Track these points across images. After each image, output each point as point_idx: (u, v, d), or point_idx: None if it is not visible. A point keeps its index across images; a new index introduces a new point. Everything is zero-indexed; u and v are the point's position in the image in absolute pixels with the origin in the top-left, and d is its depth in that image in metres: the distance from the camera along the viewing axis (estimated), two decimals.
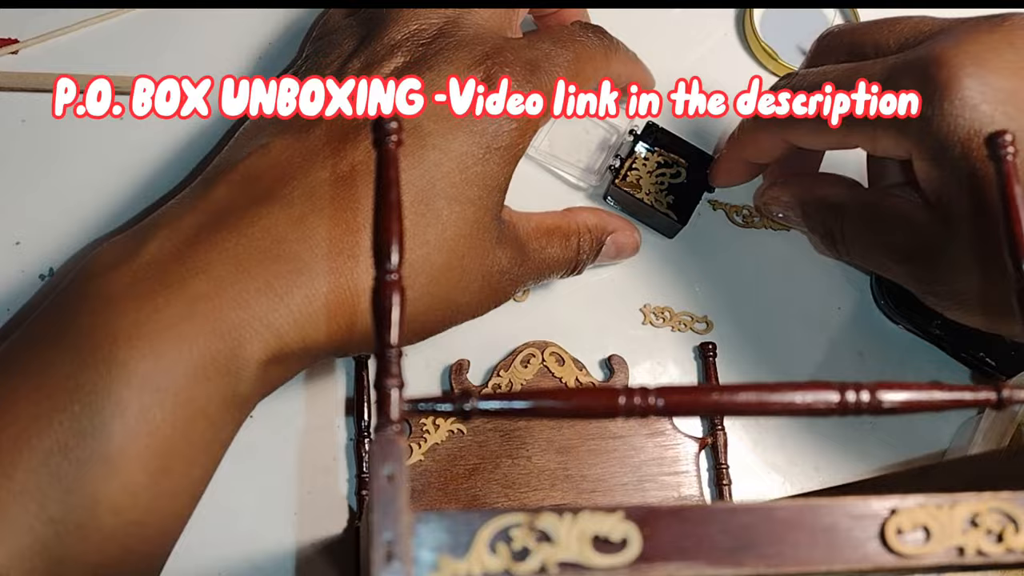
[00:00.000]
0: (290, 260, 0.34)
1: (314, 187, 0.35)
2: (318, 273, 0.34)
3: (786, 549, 0.22)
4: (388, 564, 0.20)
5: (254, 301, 0.34)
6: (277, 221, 0.35)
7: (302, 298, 0.34)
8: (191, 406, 0.33)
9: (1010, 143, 0.25)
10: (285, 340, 0.34)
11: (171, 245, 0.34)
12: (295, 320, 0.34)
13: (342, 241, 0.35)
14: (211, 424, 0.34)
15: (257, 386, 0.35)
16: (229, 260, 0.34)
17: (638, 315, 0.47)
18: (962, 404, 0.23)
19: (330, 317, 0.35)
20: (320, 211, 0.35)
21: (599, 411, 0.22)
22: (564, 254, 0.42)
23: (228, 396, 0.34)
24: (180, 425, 0.33)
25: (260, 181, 0.36)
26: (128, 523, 0.32)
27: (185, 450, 0.33)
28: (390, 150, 0.24)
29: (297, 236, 0.34)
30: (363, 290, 0.35)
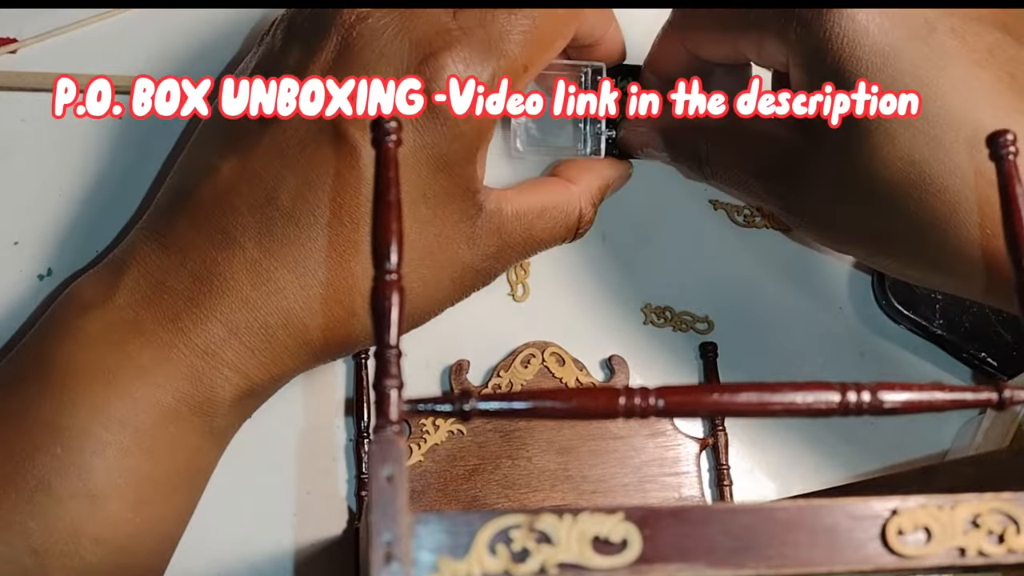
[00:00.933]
0: (248, 307, 0.36)
1: (263, 226, 0.36)
2: (273, 316, 0.36)
3: (787, 550, 0.22)
4: (387, 565, 0.20)
5: (220, 350, 0.36)
6: (233, 267, 0.36)
7: (263, 342, 0.36)
8: (168, 443, 0.35)
9: (1011, 142, 0.25)
10: (254, 380, 0.37)
11: (141, 290, 0.36)
12: (260, 362, 0.37)
13: (294, 281, 0.36)
14: (190, 456, 0.37)
15: (232, 418, 0.38)
16: (193, 309, 0.36)
17: (639, 315, 0.47)
18: (963, 405, 0.23)
19: (292, 354, 0.37)
20: (270, 253, 0.36)
21: (599, 412, 0.22)
22: (556, 232, 0.42)
23: (204, 430, 0.37)
24: (159, 460, 0.35)
25: (212, 214, 0.37)
26: (111, 551, 0.34)
27: (164, 482, 0.36)
28: (389, 149, 0.24)
29: (252, 282, 0.36)
30: (316, 326, 0.37)
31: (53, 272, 0.45)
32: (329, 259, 0.36)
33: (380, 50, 0.36)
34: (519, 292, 0.47)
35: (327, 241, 0.36)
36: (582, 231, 0.43)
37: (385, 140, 0.24)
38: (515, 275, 0.47)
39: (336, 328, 0.37)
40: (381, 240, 0.23)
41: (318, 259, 0.36)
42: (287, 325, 0.36)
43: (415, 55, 0.35)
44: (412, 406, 0.22)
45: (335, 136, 0.36)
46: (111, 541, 0.34)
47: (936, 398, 0.23)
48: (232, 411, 0.37)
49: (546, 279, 0.47)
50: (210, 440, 0.37)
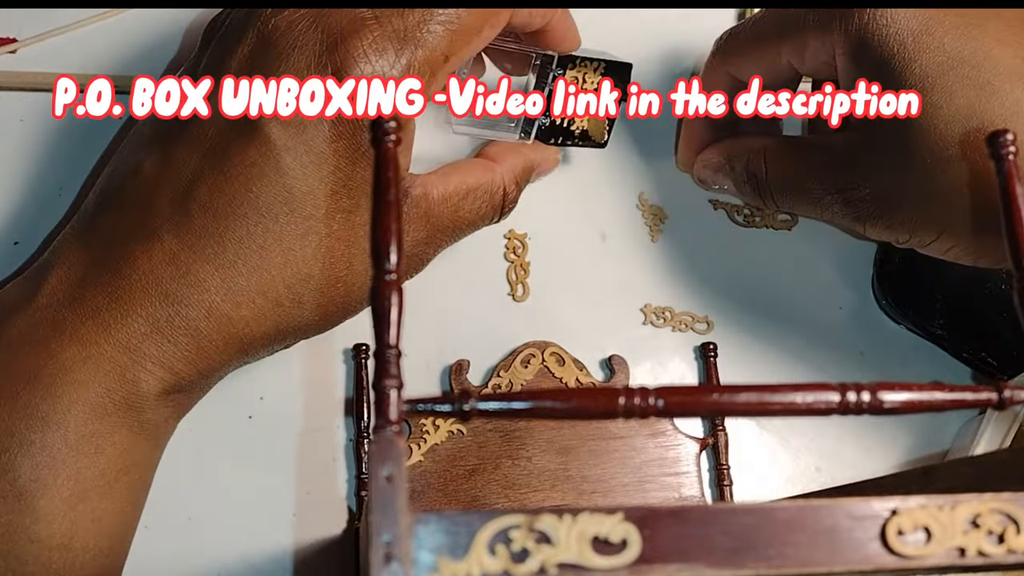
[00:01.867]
0: (169, 300, 0.36)
1: (181, 218, 0.36)
2: (195, 309, 0.36)
3: (787, 550, 0.22)
4: (387, 565, 0.20)
5: (142, 344, 0.36)
6: (152, 260, 0.36)
7: (186, 335, 0.36)
8: (94, 439, 0.35)
9: (1011, 142, 0.25)
10: (180, 374, 0.37)
11: (64, 289, 0.36)
12: (184, 356, 0.36)
13: (211, 275, 0.36)
14: (120, 452, 0.36)
15: (163, 412, 0.38)
16: (114, 305, 0.36)
17: (639, 315, 0.47)
18: (963, 404, 0.23)
19: (218, 348, 0.37)
20: (189, 245, 0.36)
21: (599, 412, 0.22)
22: (482, 211, 0.42)
23: (132, 426, 0.36)
24: (86, 456, 0.35)
25: (134, 210, 0.37)
26: (48, 550, 0.35)
27: (96, 478, 0.36)
28: (388, 149, 0.24)
29: (171, 274, 0.36)
30: (239, 317, 0.37)
31: None
32: (248, 250, 0.36)
33: (294, 40, 0.36)
34: (519, 292, 0.47)
35: (245, 232, 0.36)
36: (507, 210, 0.43)
37: (385, 140, 0.24)
38: (515, 275, 0.47)
39: (262, 320, 0.37)
40: (381, 240, 0.23)
41: (237, 251, 0.36)
42: (209, 317, 0.36)
43: (326, 42, 0.35)
44: (412, 406, 0.22)
45: (250, 130, 0.36)
46: (46, 540, 0.34)
47: (936, 398, 0.23)
48: (160, 406, 0.37)
49: (546, 279, 0.47)
50: (140, 435, 0.37)
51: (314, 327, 0.39)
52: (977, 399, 0.23)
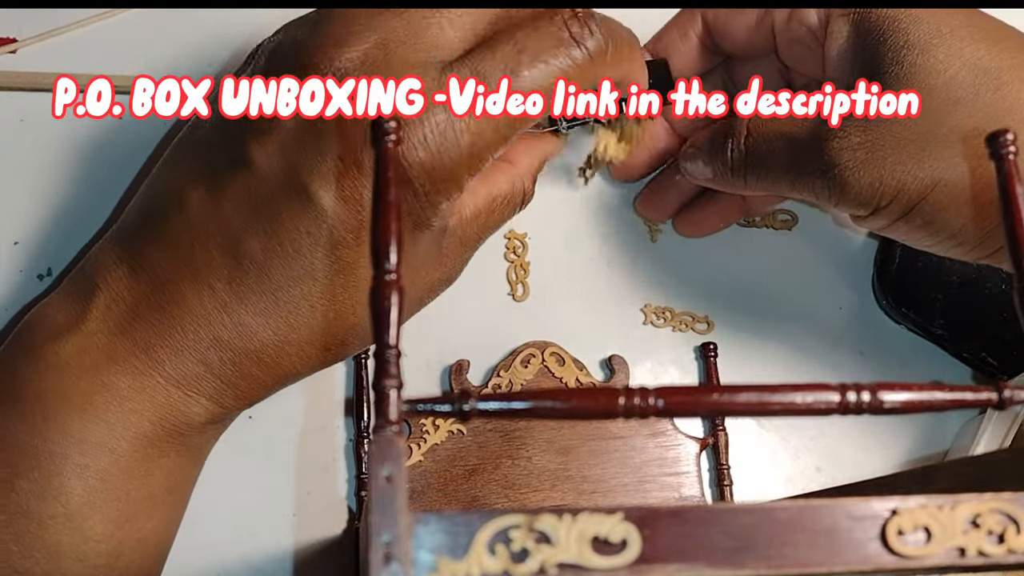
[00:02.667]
0: (221, 346, 0.37)
1: (232, 270, 0.36)
2: (247, 357, 0.37)
3: (786, 550, 0.21)
4: (387, 565, 0.20)
5: (195, 383, 0.37)
6: (204, 305, 0.36)
7: (237, 378, 0.37)
8: (144, 463, 0.36)
9: (1011, 142, 0.25)
10: (228, 407, 0.38)
11: (113, 316, 0.37)
12: (234, 394, 0.38)
13: (263, 328, 0.37)
14: (167, 474, 0.37)
15: (209, 436, 0.39)
16: (166, 342, 0.36)
17: (639, 315, 0.47)
18: (963, 404, 0.23)
19: (265, 386, 0.38)
20: (241, 298, 0.36)
21: (599, 412, 0.22)
22: (507, 215, 0.41)
23: (180, 450, 0.38)
24: (136, 479, 0.36)
25: (181, 247, 0.37)
26: (94, 568, 0.35)
27: (143, 500, 0.36)
28: (389, 149, 0.24)
29: (222, 322, 0.36)
30: (289, 365, 0.38)
31: (53, 272, 0.45)
32: (300, 309, 0.37)
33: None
34: (519, 292, 0.47)
35: (299, 293, 0.36)
36: (525, 206, 0.43)
37: (385, 140, 0.24)
38: (515, 275, 0.47)
39: (307, 361, 0.38)
40: (380, 240, 0.23)
41: (289, 309, 0.37)
42: (260, 363, 0.37)
43: None
44: (411, 406, 0.22)
45: (304, 198, 0.35)
46: (93, 559, 0.35)
47: (936, 398, 0.23)
48: (207, 431, 0.38)
49: (546, 279, 0.47)
50: (186, 458, 0.38)
51: (351, 354, 0.41)
52: (977, 399, 0.23)
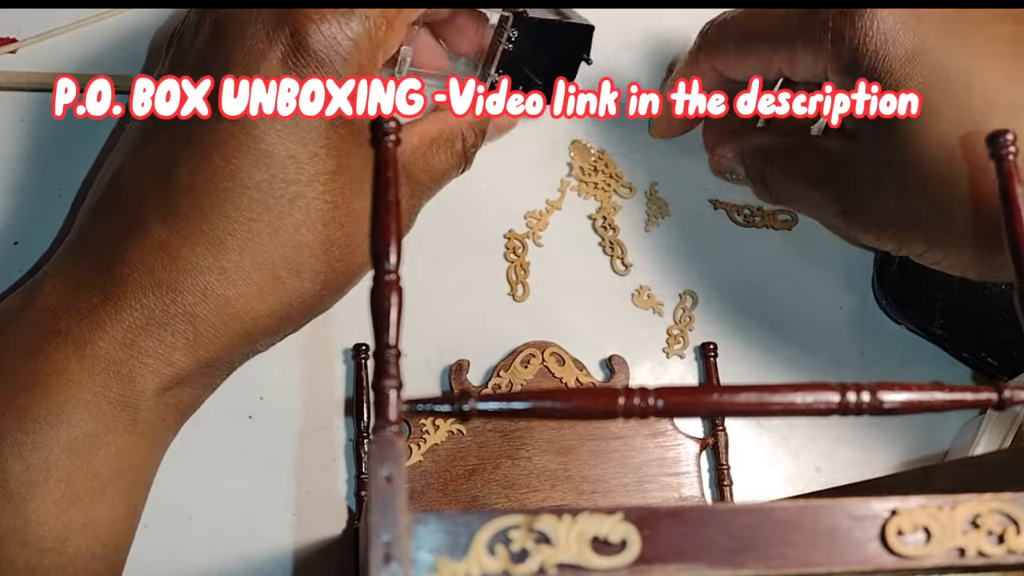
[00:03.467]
0: (163, 289, 0.35)
1: (167, 206, 0.36)
2: (190, 293, 0.36)
3: (786, 550, 0.22)
4: (387, 565, 0.20)
5: (137, 338, 0.35)
6: (143, 252, 0.36)
7: (183, 322, 0.36)
8: (89, 439, 0.35)
9: (1011, 142, 0.25)
10: (178, 366, 0.36)
11: (58, 294, 0.36)
12: (182, 345, 0.36)
13: (203, 256, 0.36)
14: (116, 453, 0.36)
15: (161, 412, 0.37)
16: (108, 302, 0.35)
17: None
18: (963, 405, 0.23)
19: (218, 332, 0.36)
20: (177, 230, 0.36)
21: (599, 412, 0.22)
22: (451, 160, 0.42)
23: (129, 426, 0.36)
24: (79, 457, 0.35)
25: (122, 208, 0.37)
26: (39, 553, 0.34)
27: (89, 479, 0.35)
28: (388, 149, 0.24)
29: (163, 263, 0.35)
30: (237, 296, 0.36)
31: None
32: (237, 224, 0.36)
33: (247, 17, 0.36)
34: (519, 292, 0.47)
35: (231, 206, 0.35)
36: (470, 156, 0.43)
37: (385, 140, 0.24)
38: (515, 275, 0.47)
39: (261, 297, 0.36)
40: (381, 240, 0.23)
41: (225, 227, 0.35)
42: (206, 300, 0.36)
43: (279, 12, 0.36)
44: (411, 406, 0.22)
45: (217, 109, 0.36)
46: (37, 543, 0.34)
47: (936, 398, 0.23)
48: (158, 404, 0.36)
49: (546, 279, 0.47)
50: (137, 437, 0.36)
51: (318, 299, 0.38)
52: (977, 399, 0.23)
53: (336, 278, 0.38)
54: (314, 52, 0.35)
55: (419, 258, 0.46)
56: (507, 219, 0.48)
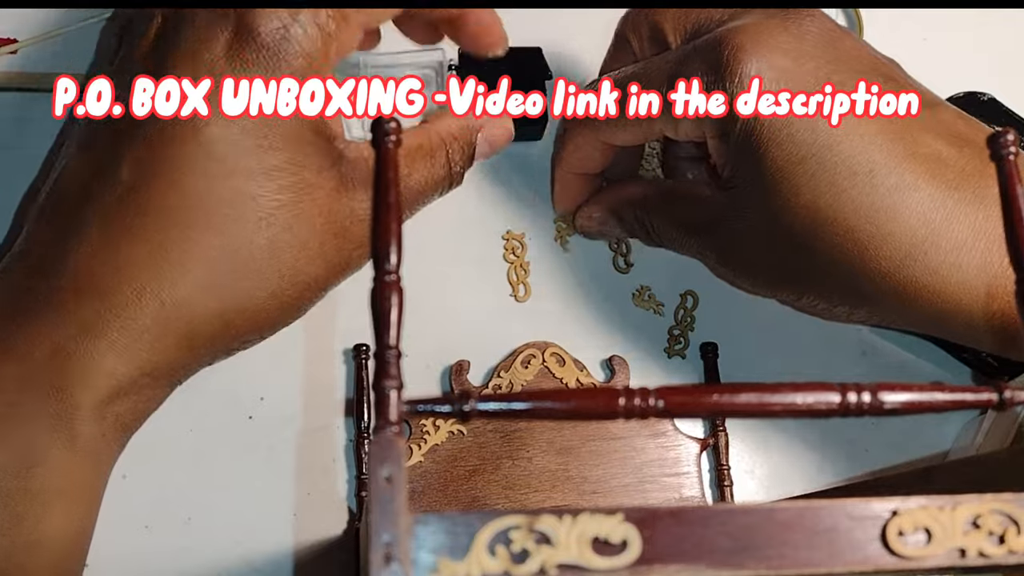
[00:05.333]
0: (101, 294, 0.33)
1: (107, 206, 0.34)
2: (125, 294, 0.34)
3: (786, 551, 0.21)
4: (387, 566, 0.20)
5: (73, 346, 0.33)
6: (80, 255, 0.34)
7: (117, 330, 0.33)
8: (25, 457, 0.33)
9: (1012, 142, 0.25)
10: (117, 375, 0.34)
11: (3, 300, 0.35)
12: (120, 353, 0.34)
13: (138, 256, 0.34)
14: (54, 470, 0.33)
15: (100, 426, 0.34)
16: (47, 309, 0.34)
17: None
18: (963, 405, 0.23)
19: (154, 337, 0.34)
20: (116, 230, 0.34)
21: (599, 412, 0.22)
22: (434, 174, 0.39)
23: (67, 442, 0.33)
24: (18, 478, 0.33)
25: (63, 209, 0.35)
26: None
27: (24, 499, 0.33)
28: (389, 150, 0.24)
29: (100, 264, 0.34)
30: (183, 300, 0.34)
31: None
32: (173, 220, 0.34)
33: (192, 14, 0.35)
34: (520, 292, 0.47)
35: (170, 204, 0.34)
36: (456, 173, 0.40)
37: (385, 141, 0.24)
38: (515, 275, 0.47)
39: (200, 296, 0.34)
40: (381, 241, 0.23)
41: (162, 224, 0.34)
42: (140, 302, 0.33)
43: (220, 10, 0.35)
44: (412, 407, 0.22)
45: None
46: None
47: (936, 398, 0.23)
48: (97, 418, 0.34)
49: (546, 279, 0.47)
50: (77, 454, 0.34)
51: (263, 311, 0.36)
52: (977, 400, 0.23)
53: (285, 288, 0.36)
54: (261, 43, 0.34)
55: (419, 258, 0.46)
56: (506, 220, 0.48)
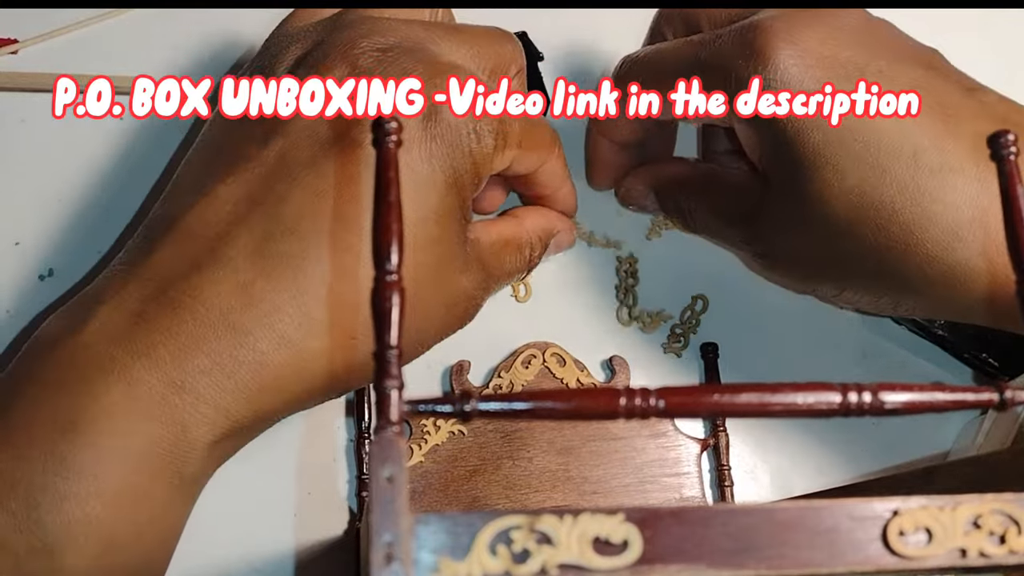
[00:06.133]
0: (236, 333, 0.33)
1: (259, 245, 0.34)
2: (265, 342, 0.33)
3: (787, 551, 0.21)
4: (388, 566, 0.20)
5: (198, 383, 0.33)
6: (220, 290, 0.33)
7: (249, 372, 0.33)
8: (132, 492, 0.32)
9: (1012, 143, 0.25)
10: (235, 418, 0.33)
11: (114, 323, 0.33)
12: (244, 396, 0.33)
13: (289, 300, 0.33)
14: (156, 506, 0.33)
15: (207, 464, 0.34)
16: (171, 340, 0.33)
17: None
18: (964, 405, 0.23)
19: (282, 385, 0.34)
20: (266, 274, 0.33)
21: (599, 412, 0.22)
22: (519, 264, 0.42)
23: (174, 479, 0.33)
24: (122, 512, 0.32)
25: (202, 239, 0.34)
26: None
27: (127, 533, 0.32)
28: (390, 150, 0.24)
29: (243, 304, 0.33)
30: (312, 350, 0.34)
31: (54, 272, 0.45)
32: (331, 272, 0.33)
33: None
34: (520, 292, 0.47)
35: (329, 253, 0.33)
36: (533, 264, 0.43)
37: (385, 140, 0.24)
38: None
39: (332, 353, 0.34)
40: (381, 240, 0.23)
41: (315, 273, 0.33)
42: (280, 349, 0.33)
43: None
44: (412, 407, 0.22)
45: (352, 144, 0.34)
46: None
47: (937, 399, 0.23)
48: (207, 457, 0.34)
49: (547, 279, 0.47)
50: (180, 492, 0.34)
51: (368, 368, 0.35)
52: (978, 400, 0.23)
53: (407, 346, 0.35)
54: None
55: None
56: None
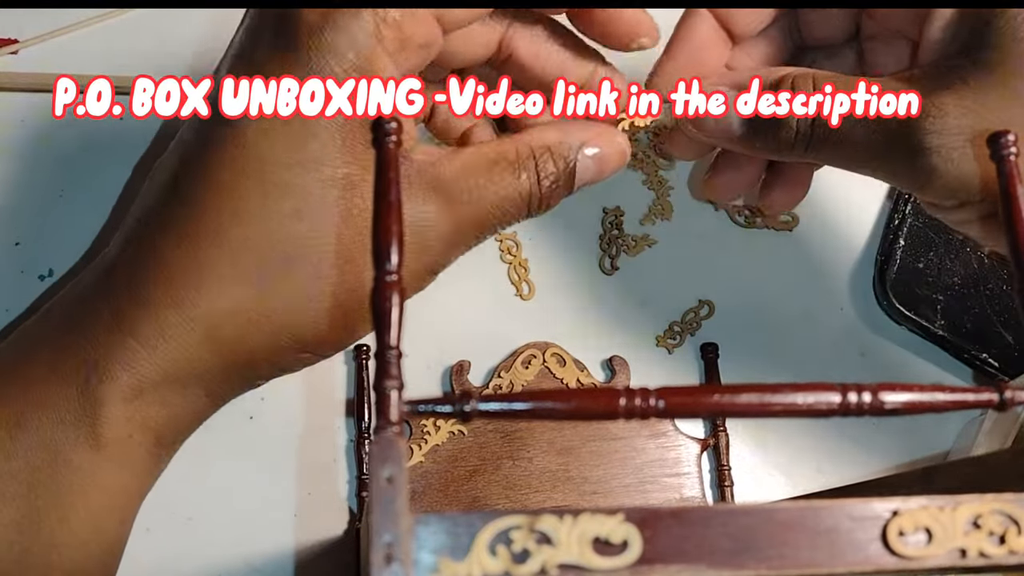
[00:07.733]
0: (131, 288, 0.33)
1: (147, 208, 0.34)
2: (156, 295, 0.33)
3: (787, 551, 0.21)
4: (388, 566, 0.20)
5: (102, 337, 0.33)
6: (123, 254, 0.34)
7: (146, 324, 0.33)
8: (51, 452, 0.33)
9: (1012, 143, 0.25)
10: (139, 372, 0.33)
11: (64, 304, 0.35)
12: (146, 350, 0.33)
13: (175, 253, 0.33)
14: (77, 470, 0.33)
15: (132, 427, 0.34)
16: (85, 303, 0.34)
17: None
18: (964, 405, 0.23)
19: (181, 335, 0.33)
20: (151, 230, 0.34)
21: (599, 412, 0.22)
22: (516, 189, 0.34)
23: (92, 439, 0.33)
24: (41, 471, 0.33)
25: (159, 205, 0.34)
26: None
27: (49, 497, 0.33)
28: (390, 150, 0.24)
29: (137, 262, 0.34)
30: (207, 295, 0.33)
31: (54, 272, 0.45)
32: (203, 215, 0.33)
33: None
34: (524, 291, 0.47)
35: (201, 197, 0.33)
36: (545, 196, 0.35)
37: (385, 140, 0.24)
38: (516, 275, 0.47)
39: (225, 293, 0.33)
40: (381, 241, 0.23)
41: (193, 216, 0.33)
42: (166, 297, 0.33)
43: None
44: (412, 407, 0.22)
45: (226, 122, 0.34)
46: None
47: (937, 399, 0.23)
48: (122, 417, 0.33)
49: (547, 279, 0.47)
50: (100, 454, 0.33)
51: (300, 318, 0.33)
52: (978, 400, 0.23)
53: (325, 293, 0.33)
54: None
55: None
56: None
